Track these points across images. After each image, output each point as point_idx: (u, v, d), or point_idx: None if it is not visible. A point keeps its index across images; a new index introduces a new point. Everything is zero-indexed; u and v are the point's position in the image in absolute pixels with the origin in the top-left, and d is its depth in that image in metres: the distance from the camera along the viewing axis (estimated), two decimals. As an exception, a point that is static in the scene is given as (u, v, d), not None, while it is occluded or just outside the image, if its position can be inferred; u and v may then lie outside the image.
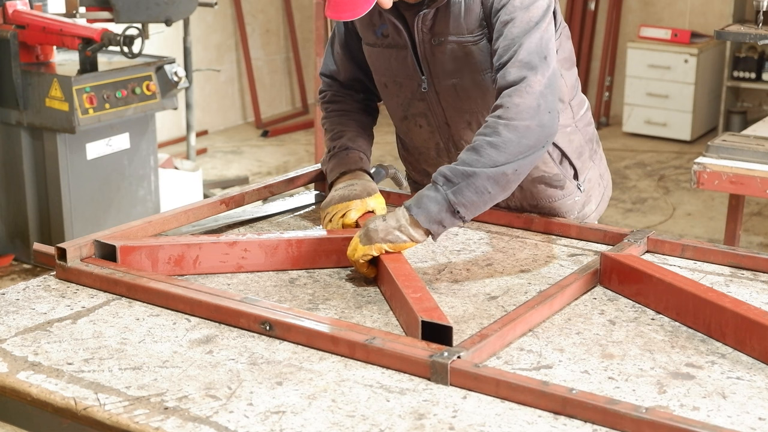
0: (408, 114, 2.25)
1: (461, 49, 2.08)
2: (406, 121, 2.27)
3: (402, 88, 2.21)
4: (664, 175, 6.66)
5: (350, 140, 2.25)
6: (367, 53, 2.24)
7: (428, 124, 2.23)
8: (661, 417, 1.36)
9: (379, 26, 2.17)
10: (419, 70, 2.15)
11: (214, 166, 6.88)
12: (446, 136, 2.22)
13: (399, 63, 2.17)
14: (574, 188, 2.28)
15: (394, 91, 2.23)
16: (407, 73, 2.17)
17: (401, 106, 2.25)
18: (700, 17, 7.60)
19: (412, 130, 2.27)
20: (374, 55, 2.22)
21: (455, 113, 2.17)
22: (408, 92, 2.20)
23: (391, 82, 2.22)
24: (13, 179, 4.58)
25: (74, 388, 1.49)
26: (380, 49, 2.19)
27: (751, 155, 3.39)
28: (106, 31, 4.28)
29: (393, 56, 2.17)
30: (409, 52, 2.14)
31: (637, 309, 1.82)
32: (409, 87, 2.19)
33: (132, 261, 1.90)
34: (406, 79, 2.18)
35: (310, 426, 1.39)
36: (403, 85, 2.20)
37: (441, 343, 1.58)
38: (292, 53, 8.36)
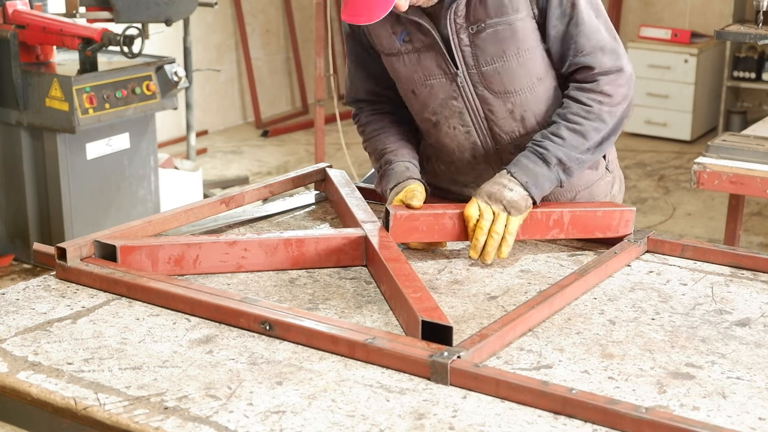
0: (440, 118, 2.21)
1: (506, 30, 2.10)
2: (437, 127, 2.23)
3: (433, 91, 2.18)
4: (664, 175, 6.66)
5: (393, 154, 2.24)
6: (390, 64, 2.22)
7: (463, 124, 2.20)
8: (661, 417, 1.36)
9: (400, 33, 2.16)
10: (452, 65, 2.14)
11: (214, 166, 6.88)
12: (485, 132, 2.20)
13: (428, 63, 2.15)
14: (603, 169, 2.31)
15: (424, 96, 2.20)
16: (439, 72, 2.16)
17: (432, 112, 2.21)
18: (700, 17, 7.60)
19: (446, 135, 2.23)
20: (399, 64, 2.19)
21: (496, 101, 2.16)
22: (440, 93, 2.18)
23: (421, 86, 2.19)
24: (13, 179, 4.58)
25: (74, 388, 1.49)
26: (405, 55, 2.17)
27: (751, 155, 3.39)
28: (106, 31, 4.28)
29: (421, 59, 2.16)
30: (440, 49, 2.13)
31: (637, 309, 1.82)
32: (441, 87, 2.17)
33: (132, 261, 1.90)
34: (438, 79, 2.16)
35: (310, 426, 1.39)
36: (434, 86, 2.17)
37: (441, 343, 1.58)
38: (292, 53, 8.36)
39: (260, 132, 7.77)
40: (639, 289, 1.91)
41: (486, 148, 2.22)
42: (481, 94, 2.15)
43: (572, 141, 2.09)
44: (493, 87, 2.14)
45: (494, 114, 2.17)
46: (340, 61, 8.76)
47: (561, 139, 2.10)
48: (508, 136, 2.19)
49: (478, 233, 2.01)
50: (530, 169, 2.07)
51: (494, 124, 2.19)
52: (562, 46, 2.13)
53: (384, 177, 2.22)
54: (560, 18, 2.11)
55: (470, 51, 2.12)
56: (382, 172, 2.23)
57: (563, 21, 2.11)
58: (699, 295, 1.89)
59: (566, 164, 2.09)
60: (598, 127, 2.11)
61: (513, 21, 2.09)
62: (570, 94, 2.14)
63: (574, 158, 2.10)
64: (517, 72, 2.13)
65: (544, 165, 2.07)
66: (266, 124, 7.91)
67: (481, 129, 2.20)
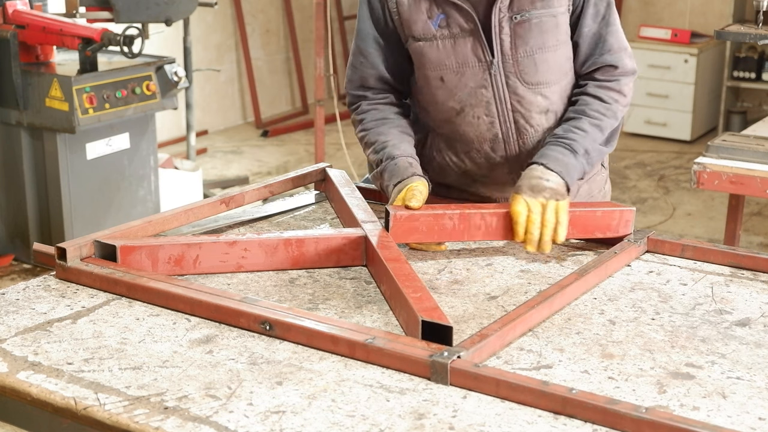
0: (466, 106, 2.21)
1: (550, 21, 2.15)
2: (460, 116, 2.22)
3: (464, 78, 2.18)
4: (664, 175, 6.66)
5: (395, 148, 2.20)
6: (418, 50, 2.20)
7: (488, 114, 2.20)
8: (661, 417, 1.36)
9: (436, 17, 2.15)
10: (489, 53, 2.15)
11: (214, 166, 6.88)
12: (509, 124, 2.21)
13: (464, 50, 2.16)
14: (600, 164, 2.37)
15: (453, 83, 2.19)
16: (474, 59, 2.16)
17: (458, 100, 2.21)
18: (700, 17, 7.61)
19: (468, 124, 2.23)
20: (430, 49, 2.18)
21: (527, 93, 2.18)
22: (471, 81, 2.18)
23: (451, 73, 2.18)
24: (13, 179, 4.58)
25: (74, 388, 1.49)
26: (440, 40, 2.16)
27: (751, 155, 3.39)
28: (106, 31, 4.28)
29: (456, 45, 2.16)
30: (479, 36, 2.14)
31: (637, 309, 1.82)
32: (473, 75, 2.17)
33: (132, 261, 1.90)
34: (471, 66, 2.17)
35: (310, 426, 1.39)
36: (465, 74, 2.17)
37: (441, 343, 1.58)
38: (292, 53, 8.36)
39: (260, 132, 7.77)
40: (639, 289, 1.91)
41: (506, 140, 2.23)
42: (512, 84, 2.18)
43: (593, 134, 2.18)
44: (526, 78, 2.17)
45: (522, 105, 2.20)
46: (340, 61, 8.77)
47: (584, 132, 2.17)
48: (532, 129, 2.22)
49: (531, 227, 2.01)
50: (560, 159, 2.11)
51: (520, 116, 2.21)
52: (591, 44, 2.21)
53: (385, 172, 2.18)
54: (594, 17, 2.19)
55: (509, 40, 2.14)
56: (384, 166, 2.19)
57: (596, 20, 2.20)
58: (699, 295, 1.89)
59: (591, 155, 2.16)
60: (611, 123, 2.22)
61: (556, 13, 2.16)
62: (589, 91, 2.22)
63: (596, 149, 2.18)
64: (552, 64, 2.19)
65: (572, 155, 2.12)
66: (266, 124, 7.91)
67: (505, 120, 2.21)
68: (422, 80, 2.24)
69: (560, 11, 2.16)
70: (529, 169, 2.10)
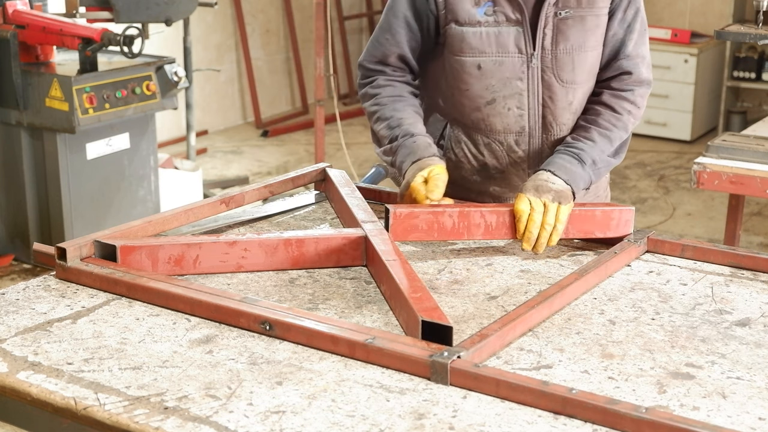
0: (498, 96, 2.22)
1: (593, 21, 2.18)
2: (491, 105, 2.23)
3: (501, 67, 2.19)
4: (664, 175, 6.66)
5: (412, 126, 2.21)
6: (458, 35, 2.19)
7: (519, 107, 2.22)
8: (661, 417, 1.36)
9: (483, 4, 2.17)
10: (531, 45, 2.17)
11: (214, 166, 6.88)
12: (537, 118, 2.23)
13: (506, 39, 2.17)
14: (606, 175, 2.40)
15: (489, 72, 2.20)
16: (515, 50, 2.18)
17: (491, 89, 2.22)
18: (700, 17, 7.60)
19: (498, 114, 2.24)
20: (472, 36, 2.18)
21: (560, 89, 2.21)
22: (508, 71, 2.19)
23: (489, 62, 2.19)
24: (13, 179, 4.58)
25: (74, 388, 1.49)
26: (483, 28, 2.17)
27: (751, 155, 3.39)
28: (106, 31, 4.28)
29: (500, 33, 2.17)
30: (525, 27, 2.16)
31: (637, 309, 1.82)
32: (511, 65, 2.19)
33: (132, 261, 1.90)
34: (511, 57, 2.18)
35: (310, 426, 1.39)
36: (504, 63, 2.19)
37: (441, 343, 1.58)
38: (292, 53, 8.36)
39: (260, 132, 7.77)
40: (639, 289, 1.91)
41: (531, 134, 2.25)
42: (547, 79, 2.20)
43: (602, 145, 2.20)
44: (561, 74, 2.20)
45: (553, 102, 2.22)
46: (340, 61, 8.77)
47: (593, 142, 2.19)
48: (557, 126, 2.24)
49: (531, 225, 2.02)
50: (567, 168, 2.13)
51: (549, 112, 2.23)
52: (612, 48, 2.24)
53: (402, 148, 2.18)
54: (620, 22, 2.23)
55: (552, 35, 2.17)
56: (401, 143, 2.19)
57: (622, 25, 2.23)
58: (699, 295, 1.89)
59: (598, 165, 2.19)
60: (621, 135, 2.25)
61: (599, 13, 2.19)
62: (603, 100, 2.24)
63: (604, 161, 2.21)
64: (587, 65, 2.22)
65: (579, 165, 2.14)
66: (266, 124, 7.91)
67: (534, 114, 2.23)
68: (456, 66, 2.24)
69: (602, 13, 2.20)
70: (536, 174, 2.12)
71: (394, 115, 2.23)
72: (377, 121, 2.26)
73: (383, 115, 2.25)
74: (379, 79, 2.30)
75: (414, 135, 2.19)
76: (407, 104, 2.26)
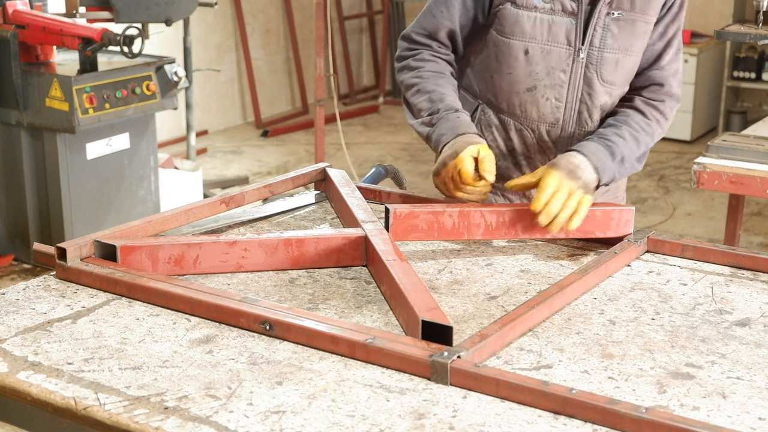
0: (539, 84, 2.23)
1: (643, 26, 2.20)
2: (531, 92, 2.24)
3: (548, 56, 2.20)
4: (664, 175, 6.66)
5: (455, 103, 2.22)
6: (512, 17, 2.20)
7: (558, 98, 2.23)
8: (661, 417, 1.36)
9: None
10: (581, 39, 2.18)
11: (214, 166, 6.89)
12: (573, 112, 2.25)
13: (558, 29, 2.18)
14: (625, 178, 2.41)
15: (536, 58, 2.21)
16: (564, 41, 2.19)
17: (534, 76, 2.22)
18: (700, 17, 7.60)
19: (535, 103, 2.25)
20: (526, 19, 2.19)
21: (600, 88, 2.23)
22: (553, 61, 2.20)
23: (538, 48, 2.20)
24: (13, 179, 4.58)
25: (74, 388, 1.49)
26: (539, 14, 2.18)
27: (751, 155, 3.39)
28: (106, 31, 4.28)
29: (553, 22, 2.18)
30: (579, 20, 2.17)
31: (637, 309, 1.82)
32: (558, 56, 2.20)
33: (132, 261, 1.90)
34: (560, 47, 2.19)
35: (310, 426, 1.39)
36: (551, 52, 2.20)
37: (441, 343, 1.58)
38: (292, 53, 8.37)
39: (260, 132, 7.77)
40: (639, 289, 1.91)
41: (564, 127, 2.26)
42: (589, 76, 2.22)
43: (631, 145, 2.21)
44: (603, 74, 2.22)
45: (591, 99, 2.24)
46: (340, 61, 8.77)
47: (624, 140, 2.19)
48: (591, 123, 2.27)
49: (554, 201, 2.02)
50: (599, 156, 2.14)
51: (585, 108, 2.25)
52: (648, 58, 2.26)
53: (444, 121, 2.17)
54: (660, 35, 2.25)
55: (601, 33, 2.18)
56: (443, 115, 2.18)
57: (663, 40, 2.25)
58: (699, 295, 1.89)
59: (624, 164, 2.19)
60: (648, 142, 2.25)
61: (649, 20, 2.21)
62: (635, 104, 2.26)
63: (630, 161, 2.21)
64: (628, 69, 2.24)
65: (610, 157, 2.15)
66: (266, 124, 7.92)
67: (571, 108, 2.24)
68: (503, 48, 2.24)
69: (652, 20, 2.22)
70: (569, 155, 2.11)
71: (436, 89, 2.23)
72: (417, 93, 2.26)
73: (425, 88, 2.25)
74: (424, 53, 2.30)
75: (458, 111, 2.20)
76: (449, 82, 2.27)
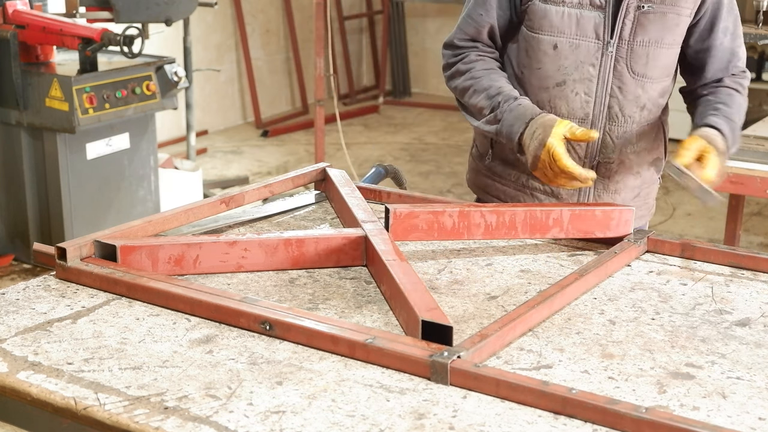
0: (569, 79, 2.23)
1: (673, 18, 2.20)
2: (560, 87, 2.25)
3: (576, 50, 2.21)
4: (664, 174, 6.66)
5: (513, 91, 2.23)
6: (541, 12, 2.21)
7: (587, 93, 2.23)
8: (661, 417, 1.36)
9: None
10: (610, 33, 2.18)
11: (214, 166, 6.89)
12: (602, 107, 2.25)
13: (586, 24, 2.19)
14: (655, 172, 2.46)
15: (564, 53, 2.22)
16: (593, 35, 2.19)
17: (563, 71, 2.23)
18: (700, 17, 7.60)
19: (565, 97, 2.25)
20: (554, 14, 2.20)
21: (630, 81, 2.23)
22: (582, 55, 2.21)
23: (566, 43, 2.21)
24: (13, 179, 4.58)
25: (74, 388, 1.49)
26: (567, 8, 2.19)
27: (751, 155, 3.39)
28: (106, 31, 4.28)
29: (582, 16, 2.19)
30: (607, 14, 2.17)
31: (637, 309, 1.82)
32: (587, 50, 2.20)
33: (132, 261, 1.90)
34: (588, 41, 2.20)
35: (310, 426, 1.39)
36: (580, 46, 2.20)
37: (441, 343, 1.58)
38: (292, 53, 8.37)
39: (260, 132, 7.77)
40: (639, 289, 1.91)
41: (594, 123, 2.26)
42: (619, 70, 2.22)
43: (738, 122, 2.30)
44: (634, 67, 2.22)
45: (622, 93, 2.24)
46: (340, 61, 8.77)
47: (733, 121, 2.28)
48: (623, 119, 2.27)
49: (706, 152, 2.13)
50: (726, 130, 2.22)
51: (616, 102, 2.25)
52: (724, 59, 2.31)
53: (508, 114, 2.17)
54: (725, 31, 2.27)
55: (631, 26, 2.19)
56: (504, 108, 2.19)
57: (727, 34, 2.28)
58: (699, 295, 1.89)
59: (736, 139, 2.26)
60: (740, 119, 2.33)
61: (681, 12, 2.21)
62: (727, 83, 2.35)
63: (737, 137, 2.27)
64: (661, 61, 2.24)
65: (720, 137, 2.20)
66: (266, 124, 7.92)
67: (601, 103, 2.25)
68: (533, 43, 2.25)
69: (685, 12, 2.21)
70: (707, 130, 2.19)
71: (492, 85, 2.25)
72: (474, 94, 2.27)
73: (480, 86, 2.26)
74: (471, 54, 2.32)
75: (517, 98, 2.21)
76: (501, 75, 2.28)
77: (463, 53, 2.32)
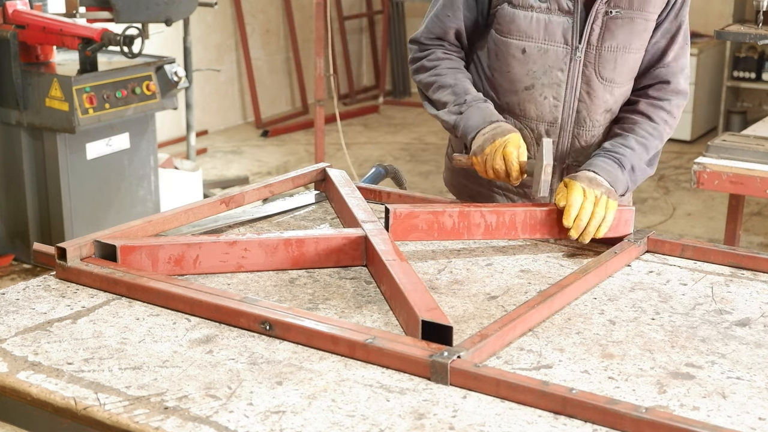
0: (537, 83, 2.24)
1: (641, 24, 2.20)
2: (528, 91, 2.25)
3: (545, 55, 2.21)
4: (664, 175, 6.66)
5: (480, 94, 2.25)
6: (509, 16, 2.22)
7: (555, 98, 2.24)
8: (661, 417, 1.36)
9: None
10: (578, 38, 2.19)
11: (214, 166, 6.89)
12: (571, 112, 2.25)
13: (555, 29, 2.19)
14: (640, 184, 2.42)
15: (533, 57, 2.22)
16: (561, 40, 2.19)
17: (531, 75, 2.23)
18: (700, 17, 7.60)
19: (533, 101, 2.25)
20: (522, 19, 2.20)
21: (599, 86, 2.23)
22: (550, 60, 2.21)
23: (534, 48, 2.21)
24: (13, 179, 4.58)
25: (74, 388, 1.49)
26: (535, 13, 2.19)
27: (751, 155, 3.39)
28: (106, 31, 4.28)
29: (549, 21, 2.19)
30: (576, 19, 2.18)
31: (637, 309, 1.82)
32: (555, 55, 2.21)
33: (132, 261, 1.90)
34: (556, 46, 2.20)
35: (310, 426, 1.39)
36: (548, 52, 2.21)
37: (441, 343, 1.58)
38: (292, 53, 8.37)
39: (260, 132, 7.77)
40: (639, 289, 1.91)
41: (563, 127, 2.27)
42: (587, 75, 2.22)
43: (639, 153, 2.22)
44: (602, 72, 2.22)
45: (590, 97, 2.24)
46: (340, 61, 8.77)
47: (631, 149, 2.21)
48: (591, 123, 2.27)
49: (582, 213, 2.05)
50: (609, 171, 2.15)
51: (584, 107, 2.25)
52: (653, 55, 2.26)
53: (474, 109, 2.20)
54: (665, 32, 2.25)
55: (599, 31, 2.19)
56: (472, 104, 2.21)
57: (665, 36, 2.25)
58: (699, 295, 1.89)
59: (636, 173, 2.21)
60: (657, 145, 2.26)
61: (648, 17, 2.21)
62: (640, 109, 2.27)
63: (641, 169, 2.23)
64: (629, 66, 2.24)
65: (619, 169, 2.17)
66: (266, 124, 7.92)
67: (569, 107, 2.25)
68: (501, 47, 2.26)
69: (652, 18, 2.22)
70: (581, 172, 2.13)
71: (458, 83, 2.27)
72: (439, 89, 2.28)
73: (445, 82, 2.28)
74: (437, 51, 2.33)
75: (486, 101, 2.24)
76: (466, 76, 2.30)
77: (430, 49, 2.34)
